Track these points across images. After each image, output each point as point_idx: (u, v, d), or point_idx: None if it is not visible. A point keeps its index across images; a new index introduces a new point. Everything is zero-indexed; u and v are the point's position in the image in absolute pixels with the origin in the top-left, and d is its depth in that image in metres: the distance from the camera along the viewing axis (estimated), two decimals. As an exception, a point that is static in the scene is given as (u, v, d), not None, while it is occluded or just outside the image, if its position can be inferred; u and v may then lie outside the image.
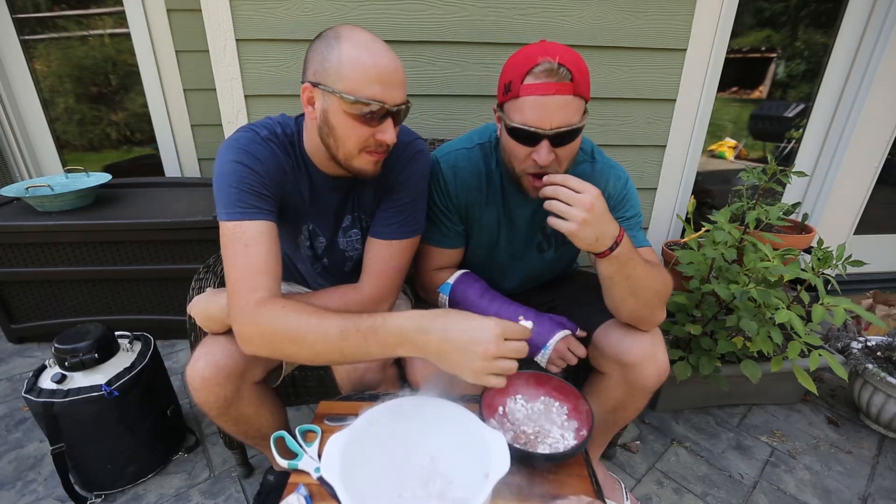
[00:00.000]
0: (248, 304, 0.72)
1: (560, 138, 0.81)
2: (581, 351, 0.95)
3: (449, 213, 1.02)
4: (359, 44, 0.73)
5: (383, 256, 0.93)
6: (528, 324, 0.67)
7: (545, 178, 0.78)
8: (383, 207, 0.93)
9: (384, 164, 0.89)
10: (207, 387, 0.85)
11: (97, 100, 2.39)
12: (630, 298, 0.86)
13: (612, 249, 0.79)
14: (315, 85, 0.75)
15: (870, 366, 1.44)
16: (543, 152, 0.81)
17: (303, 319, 0.70)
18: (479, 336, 0.63)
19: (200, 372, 0.84)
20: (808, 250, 1.52)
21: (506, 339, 0.63)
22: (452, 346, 0.64)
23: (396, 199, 0.92)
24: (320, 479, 0.72)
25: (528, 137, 0.82)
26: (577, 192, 0.75)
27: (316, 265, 1.04)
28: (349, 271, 1.06)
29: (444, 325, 0.65)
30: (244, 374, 0.88)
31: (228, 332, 0.89)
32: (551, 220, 0.78)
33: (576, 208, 0.75)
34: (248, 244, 0.75)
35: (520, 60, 0.81)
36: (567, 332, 0.96)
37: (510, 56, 0.85)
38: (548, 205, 0.77)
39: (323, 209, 0.95)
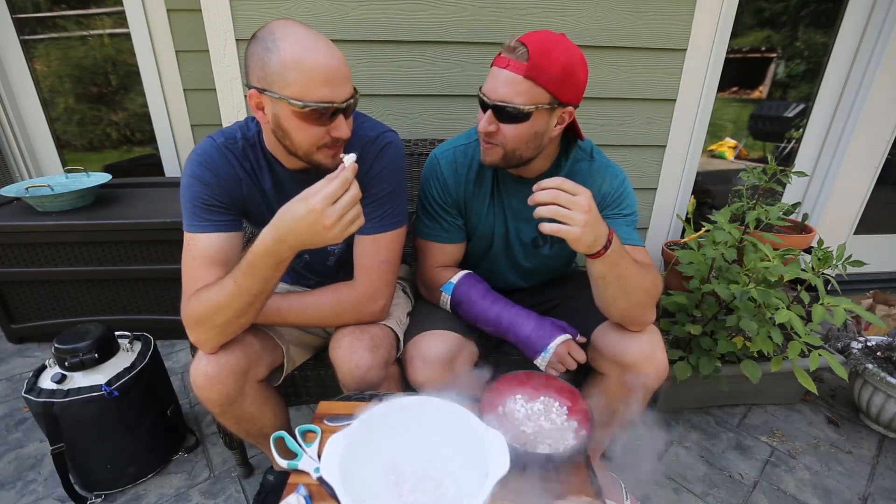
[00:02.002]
0: (182, 306, 0.82)
1: (500, 112, 0.85)
2: (581, 356, 0.95)
3: (449, 208, 1.04)
4: (297, 43, 0.72)
5: (370, 252, 0.94)
6: (350, 158, 0.70)
7: (535, 185, 0.76)
8: (362, 204, 0.93)
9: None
10: (210, 385, 0.85)
11: (97, 100, 2.39)
12: (621, 298, 0.86)
13: (605, 249, 0.79)
14: (262, 91, 0.75)
15: (870, 366, 1.44)
16: (483, 119, 0.88)
17: (210, 291, 0.78)
18: (302, 216, 0.68)
19: (204, 370, 0.84)
20: (808, 250, 1.52)
21: (332, 203, 0.68)
22: (301, 232, 0.70)
23: (373, 194, 0.92)
24: (320, 479, 0.72)
25: (481, 103, 0.88)
26: (572, 194, 0.74)
27: (298, 261, 1.06)
28: (333, 266, 1.07)
29: (283, 225, 0.71)
30: (247, 373, 0.89)
31: None
32: (550, 227, 0.74)
33: (576, 212, 0.73)
34: (195, 257, 0.85)
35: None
36: (568, 336, 0.96)
37: None
38: (548, 210, 0.74)
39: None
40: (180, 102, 2.30)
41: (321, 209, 0.67)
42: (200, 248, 0.85)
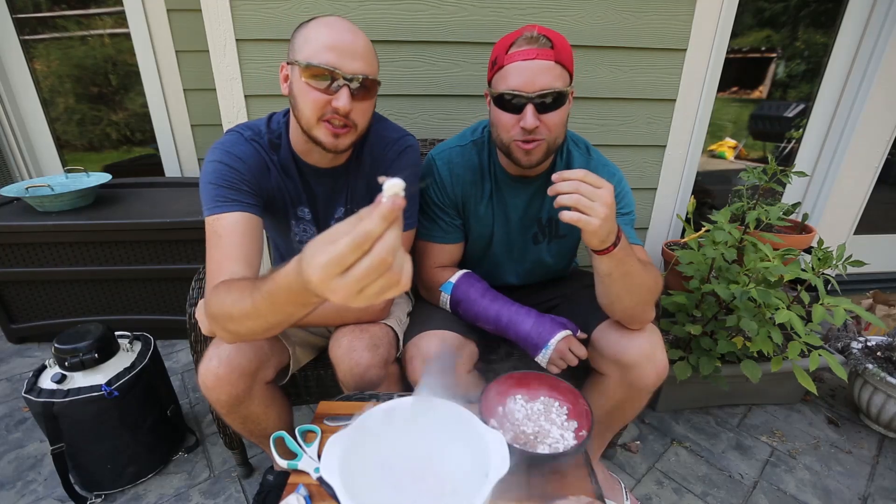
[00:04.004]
0: (207, 291, 0.77)
1: (544, 103, 0.85)
2: (582, 352, 0.95)
3: (447, 208, 1.04)
4: (322, 22, 0.80)
5: None
6: (394, 186, 0.44)
7: (557, 175, 0.75)
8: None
9: (374, 160, 0.91)
10: (220, 385, 0.85)
11: (97, 100, 2.39)
12: (626, 296, 0.86)
13: (614, 245, 0.79)
14: (288, 63, 0.82)
15: (870, 366, 1.44)
16: (529, 116, 0.85)
17: (230, 298, 0.68)
18: (305, 285, 0.48)
19: (214, 371, 0.84)
20: (808, 250, 1.52)
21: (341, 272, 0.44)
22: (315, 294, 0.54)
23: None
24: (320, 479, 0.72)
25: (515, 105, 0.86)
26: (596, 187, 0.73)
27: None
28: None
29: (304, 263, 0.48)
30: (256, 374, 0.89)
31: None
32: (570, 216, 0.73)
33: (598, 204, 0.73)
34: (221, 235, 0.81)
35: (505, 38, 0.88)
36: (568, 332, 0.96)
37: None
38: (570, 199, 0.73)
39: (313, 200, 0.97)
40: (180, 102, 2.30)
41: (319, 280, 0.45)
42: (226, 226, 0.80)
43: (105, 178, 1.90)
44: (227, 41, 1.29)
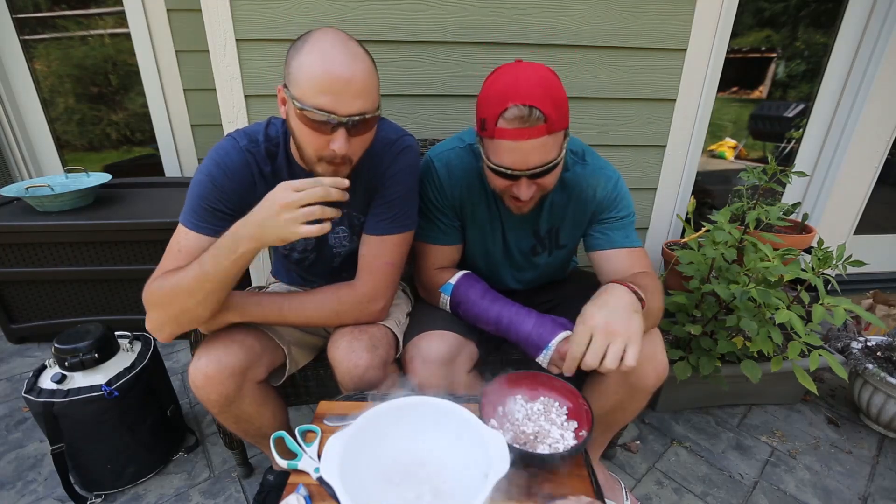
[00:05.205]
0: (148, 283, 0.82)
1: (538, 174, 0.83)
2: None
3: (445, 209, 1.04)
4: (317, 50, 0.73)
5: (375, 252, 0.94)
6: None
7: (567, 371, 0.79)
8: (375, 204, 0.94)
9: (372, 161, 0.91)
10: (209, 385, 0.85)
11: (97, 100, 2.39)
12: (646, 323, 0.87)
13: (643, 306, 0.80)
14: (284, 87, 0.79)
15: (870, 366, 1.44)
16: (524, 189, 0.85)
17: (180, 273, 0.78)
18: (269, 197, 0.73)
19: (203, 370, 0.85)
20: (808, 250, 1.52)
21: (296, 190, 0.71)
22: (261, 217, 0.73)
23: (386, 195, 0.93)
24: (320, 479, 0.72)
25: (508, 175, 0.84)
26: (592, 344, 0.74)
27: (304, 262, 1.07)
28: (337, 266, 1.08)
29: (250, 213, 0.75)
30: (246, 373, 0.89)
31: (228, 329, 0.90)
32: (625, 369, 0.74)
33: (616, 343, 0.73)
34: (181, 250, 0.84)
35: (492, 99, 0.81)
36: (569, 332, 0.95)
37: (484, 85, 0.85)
38: (604, 368, 0.74)
39: None
40: (180, 102, 2.31)
41: (283, 188, 0.71)
42: (190, 244, 0.84)
43: (105, 178, 1.90)
44: (227, 41, 1.29)
